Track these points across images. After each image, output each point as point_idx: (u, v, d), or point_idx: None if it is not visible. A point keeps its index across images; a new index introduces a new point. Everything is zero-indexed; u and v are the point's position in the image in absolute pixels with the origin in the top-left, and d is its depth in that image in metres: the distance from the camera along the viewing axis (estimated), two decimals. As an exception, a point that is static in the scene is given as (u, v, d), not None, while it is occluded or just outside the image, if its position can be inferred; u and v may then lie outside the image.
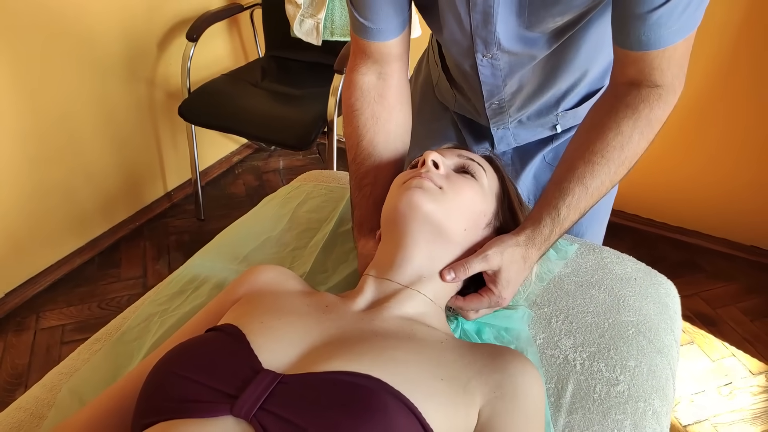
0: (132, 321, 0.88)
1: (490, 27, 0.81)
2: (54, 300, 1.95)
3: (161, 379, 0.60)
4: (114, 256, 2.16)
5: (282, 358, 0.61)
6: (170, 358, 0.62)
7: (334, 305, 0.72)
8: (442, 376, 0.62)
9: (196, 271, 0.96)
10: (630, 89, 0.77)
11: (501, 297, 0.78)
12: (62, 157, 1.94)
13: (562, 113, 1.01)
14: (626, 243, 2.20)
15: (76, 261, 2.08)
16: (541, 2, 0.77)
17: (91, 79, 1.95)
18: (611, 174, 0.78)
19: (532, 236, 0.78)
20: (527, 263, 0.79)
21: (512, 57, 0.88)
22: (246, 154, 2.75)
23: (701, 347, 1.80)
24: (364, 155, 0.90)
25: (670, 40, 0.72)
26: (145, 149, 2.26)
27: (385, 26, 0.87)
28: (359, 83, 0.92)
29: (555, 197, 0.78)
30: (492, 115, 1.02)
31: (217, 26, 2.33)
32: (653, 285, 0.97)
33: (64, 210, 2.00)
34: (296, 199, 1.14)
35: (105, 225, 2.17)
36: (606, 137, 0.77)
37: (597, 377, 0.80)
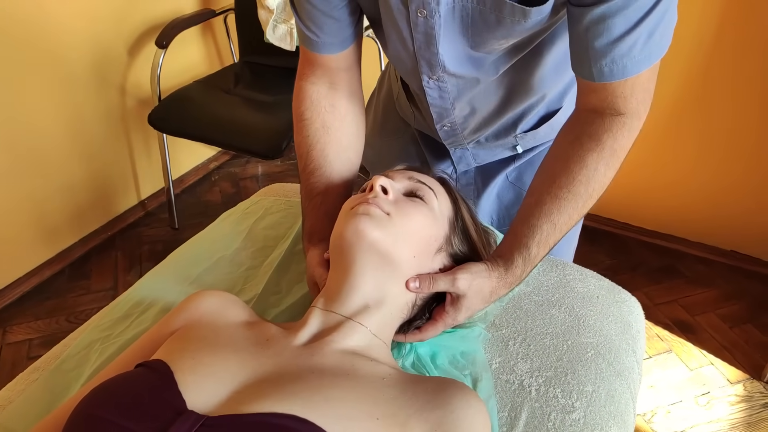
0: (72, 349, 0.84)
1: (433, 48, 0.79)
2: (22, 313, 1.91)
3: (80, 419, 0.57)
4: (84, 267, 2.12)
5: (210, 398, 0.58)
6: (91, 397, 0.59)
7: (274, 339, 0.69)
8: (378, 415, 0.59)
9: (144, 294, 0.93)
10: (593, 117, 0.75)
11: (456, 320, 0.77)
12: (30, 168, 1.90)
13: (521, 135, 0.99)
14: (604, 248, 2.18)
15: (45, 273, 2.04)
16: (484, 25, 0.74)
17: (59, 87, 1.91)
18: (578, 208, 0.77)
19: (504, 275, 0.78)
20: (492, 297, 0.78)
21: (459, 80, 0.85)
22: (223, 160, 2.71)
23: (679, 356, 1.78)
24: (315, 165, 0.88)
25: (633, 71, 0.70)
26: (116, 158, 2.21)
27: (330, 40, 0.84)
28: (309, 92, 0.89)
29: (524, 235, 0.77)
30: (445, 136, 1.00)
31: (191, 32, 2.29)
32: (616, 303, 0.94)
33: (32, 221, 1.96)
34: (254, 215, 1.10)
35: (75, 236, 2.13)
36: (571, 171, 0.75)
37: (552, 404, 0.77)
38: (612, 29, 0.66)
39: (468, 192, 1.08)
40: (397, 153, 1.11)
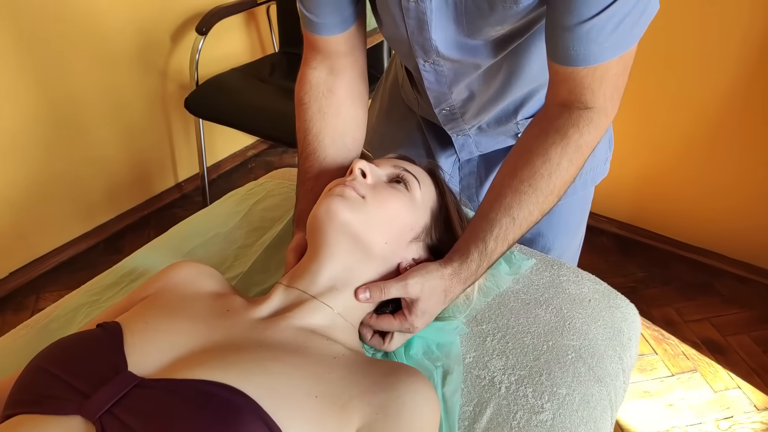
0: (61, 310, 0.88)
1: (425, 34, 0.78)
2: (55, 282, 2.00)
3: (30, 372, 0.59)
4: (118, 243, 2.20)
5: (152, 362, 0.59)
6: (44, 352, 0.61)
7: (234, 310, 0.70)
8: (317, 393, 0.59)
9: (137, 264, 0.96)
10: (561, 111, 0.74)
11: (413, 325, 0.74)
12: (72, 144, 1.99)
13: (522, 121, 0.96)
14: (637, 260, 2.09)
15: (81, 245, 2.13)
16: (477, 11, 0.73)
17: (104, 68, 1.99)
18: (539, 204, 0.74)
19: (458, 270, 0.75)
20: (448, 297, 0.76)
21: (455, 64, 0.84)
22: (261, 149, 2.76)
23: (704, 376, 1.69)
24: (310, 150, 0.89)
25: (601, 57, 0.67)
26: (156, 140, 2.29)
27: (329, 21, 0.84)
28: (309, 77, 0.90)
29: (482, 229, 0.75)
30: (445, 121, 0.98)
31: (234, 20, 2.35)
32: (609, 308, 0.91)
33: (71, 196, 2.05)
34: (255, 197, 1.12)
35: (112, 212, 2.21)
36: (533, 164, 0.73)
37: (520, 403, 0.75)
38: (581, 10, 0.64)
39: (470, 181, 1.06)
40: (402, 140, 1.11)
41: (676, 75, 1.84)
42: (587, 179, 1.02)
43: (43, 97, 1.85)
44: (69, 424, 0.52)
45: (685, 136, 1.92)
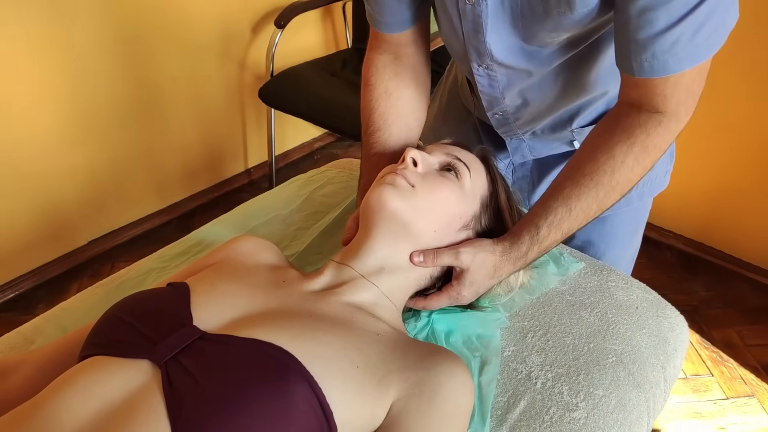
0: (133, 272, 0.96)
1: (480, 37, 0.80)
2: (129, 253, 2.14)
3: (105, 319, 0.66)
4: (189, 221, 2.32)
5: (213, 320, 0.64)
6: (120, 303, 0.68)
7: (289, 282, 0.75)
8: (359, 363, 0.63)
9: (204, 236, 1.03)
10: (630, 111, 0.74)
11: (461, 295, 0.79)
12: (153, 126, 2.12)
13: (578, 130, 0.96)
14: (701, 279, 2.02)
15: (155, 221, 2.26)
16: (533, 16, 0.74)
17: (185, 56, 2.11)
18: (599, 198, 0.75)
19: (509, 250, 0.78)
20: (497, 273, 0.79)
21: (509, 70, 0.85)
22: (328, 141, 2.84)
23: (762, 403, 1.62)
24: (375, 127, 0.93)
25: (676, 68, 0.67)
26: (230, 127, 2.40)
27: (391, 20, 0.88)
28: (375, 61, 0.94)
29: (538, 215, 0.78)
30: (497, 124, 1.00)
31: (310, 15, 2.43)
32: (656, 317, 0.90)
33: (149, 174, 2.19)
34: (317, 183, 1.17)
35: (185, 192, 2.34)
36: (597, 160, 0.75)
37: (555, 399, 0.76)
38: (654, 23, 0.64)
39: (523, 185, 1.07)
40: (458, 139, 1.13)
41: (753, 85, 1.76)
42: (644, 191, 1.01)
43: (130, 81, 1.99)
44: (137, 366, 0.58)
45: (760, 151, 1.84)
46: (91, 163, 1.99)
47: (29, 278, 1.96)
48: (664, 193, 1.06)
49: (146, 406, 0.55)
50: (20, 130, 1.77)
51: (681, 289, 2.00)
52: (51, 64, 1.77)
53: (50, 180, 1.90)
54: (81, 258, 2.07)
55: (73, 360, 0.65)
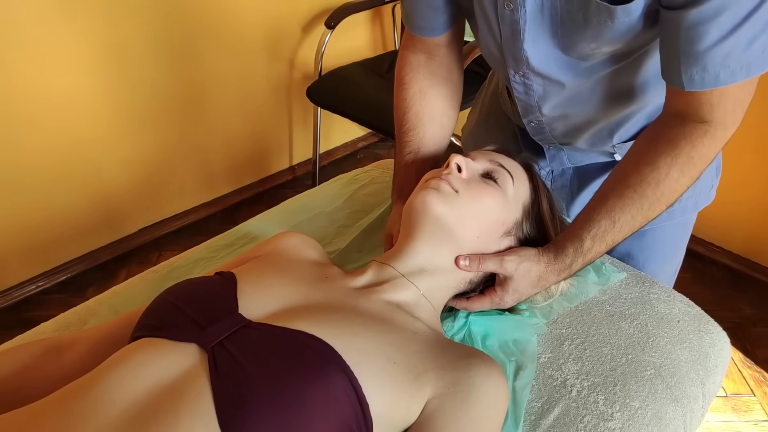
0: (183, 261, 1.00)
1: (518, 43, 0.79)
2: (176, 243, 2.21)
3: (157, 303, 0.69)
4: (234, 214, 2.38)
5: (258, 309, 0.67)
6: (171, 288, 0.71)
7: (332, 278, 0.77)
8: (396, 359, 0.64)
9: (250, 230, 1.07)
10: (675, 121, 0.73)
11: (503, 300, 0.80)
12: (203, 120, 2.18)
13: (619, 144, 0.95)
14: (748, 296, 1.97)
15: (202, 212, 2.33)
16: (573, 24, 0.73)
17: (235, 55, 2.16)
18: (643, 210, 0.75)
19: (553, 261, 0.79)
20: (541, 283, 0.80)
21: (546, 80, 0.84)
22: (371, 141, 2.87)
23: (807, 429, 1.57)
24: (409, 125, 0.95)
25: (727, 81, 0.66)
26: (276, 124, 2.46)
27: (425, 24, 0.90)
28: (410, 60, 0.96)
29: (581, 227, 0.78)
30: (533, 132, 1.00)
31: (360, 17, 2.46)
32: (698, 332, 0.89)
33: (198, 167, 2.25)
34: (360, 182, 1.20)
35: (231, 186, 2.41)
36: (642, 172, 0.74)
37: (590, 408, 0.76)
38: (704, 36, 0.63)
39: (562, 194, 1.06)
40: None
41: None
42: (687, 205, 0.99)
43: (182, 78, 2.05)
44: (185, 349, 0.61)
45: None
46: (143, 156, 2.06)
47: (81, 262, 2.05)
48: (712, 206, 1.03)
49: (193, 388, 0.57)
50: (80, 123, 1.85)
51: (726, 306, 1.94)
52: (110, 62, 1.85)
53: (105, 170, 1.98)
54: (130, 245, 2.15)
55: (124, 340, 0.69)
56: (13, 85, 1.67)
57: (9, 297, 1.92)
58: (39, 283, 1.97)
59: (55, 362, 0.74)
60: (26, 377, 0.72)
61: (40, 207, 1.87)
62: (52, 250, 1.96)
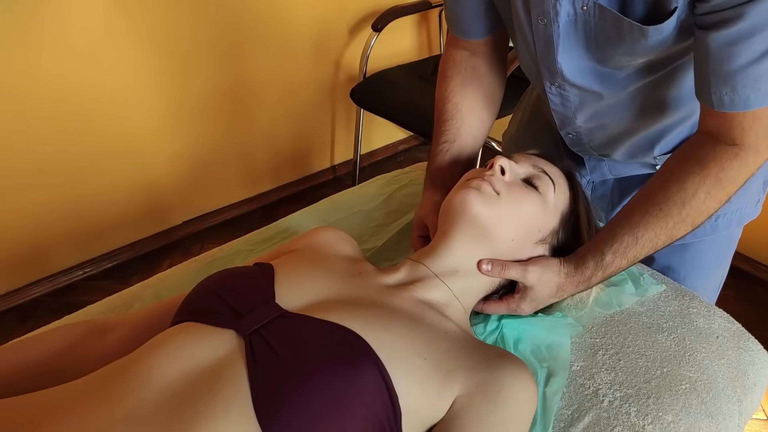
0: (224, 252, 1.03)
1: (552, 56, 0.80)
2: (218, 236, 2.27)
3: (198, 289, 0.72)
4: (274, 211, 2.43)
5: (294, 300, 0.69)
6: (212, 277, 0.74)
7: (365, 274, 0.78)
8: (426, 356, 0.65)
9: (289, 225, 1.09)
10: (707, 141, 0.72)
11: (520, 308, 0.81)
12: (249, 117, 2.24)
13: (660, 156, 0.93)
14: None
15: (243, 208, 2.39)
16: (606, 39, 0.73)
17: (281, 55, 2.20)
18: (668, 228, 0.74)
19: (573, 273, 0.79)
20: (559, 293, 0.81)
21: (582, 91, 0.84)
22: (412, 144, 2.88)
23: None
24: (448, 116, 0.97)
25: (758, 104, 0.65)
26: (320, 124, 2.49)
27: (467, 28, 0.92)
28: (453, 55, 0.98)
29: (604, 241, 0.77)
30: (571, 144, 0.99)
31: (407, 20, 2.48)
32: (738, 348, 0.87)
33: (241, 163, 2.31)
34: (399, 183, 1.21)
35: (273, 183, 2.45)
36: (669, 190, 0.73)
37: (622, 419, 0.75)
38: (735, 57, 0.62)
39: (602, 204, 1.05)
40: None
41: None
42: (732, 219, 0.96)
43: (229, 77, 2.10)
44: (224, 335, 0.63)
45: None
46: (189, 151, 2.12)
47: (126, 251, 2.12)
48: (760, 221, 1.01)
49: (230, 372, 0.59)
50: (131, 117, 1.92)
51: None
52: (161, 59, 1.91)
53: (153, 163, 2.05)
54: (174, 237, 2.22)
55: (166, 324, 0.71)
56: (68, 78, 1.75)
57: (56, 282, 2.00)
58: (86, 270, 2.05)
59: (98, 343, 0.77)
60: (70, 356, 0.75)
61: (89, 195, 1.94)
62: (99, 238, 2.04)
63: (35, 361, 0.74)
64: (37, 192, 1.83)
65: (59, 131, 1.79)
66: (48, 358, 0.75)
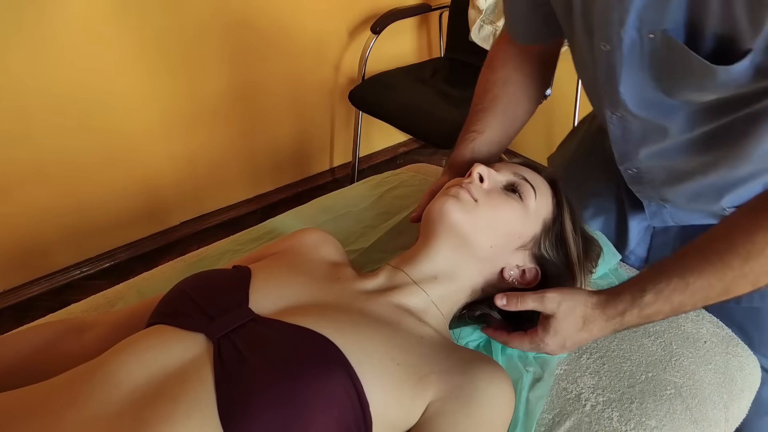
0: (210, 252, 1.03)
1: (613, 84, 0.74)
2: (216, 237, 2.23)
3: (173, 292, 0.72)
4: (273, 213, 2.39)
5: (268, 305, 0.68)
6: (187, 279, 0.73)
7: (344, 279, 0.78)
8: (399, 361, 0.64)
9: (276, 226, 1.09)
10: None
11: (543, 342, 0.75)
12: (247, 119, 2.24)
13: (730, 209, 0.84)
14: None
15: (242, 209, 2.39)
16: (673, 69, 0.67)
17: (284, 57, 2.21)
18: (724, 281, 0.66)
19: (603, 303, 0.71)
20: (587, 326, 0.72)
21: (645, 124, 0.78)
22: (412, 147, 2.87)
23: None
24: (483, 106, 0.96)
25: None
26: (319, 126, 2.49)
27: (522, 31, 0.92)
28: (504, 47, 0.98)
29: (647, 278, 0.70)
30: (630, 181, 0.93)
31: (406, 23, 2.47)
32: (725, 354, 0.86)
33: (242, 164, 2.31)
34: (390, 184, 1.20)
35: (272, 184, 2.45)
36: (734, 241, 0.65)
37: (603, 424, 0.74)
38: None
39: (662, 253, 0.98)
40: (593, 187, 1.05)
41: None
42: None
43: (230, 79, 2.11)
44: (193, 338, 0.62)
45: None
46: (189, 151, 2.13)
47: (124, 251, 2.13)
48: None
49: (197, 376, 0.58)
50: (131, 117, 1.93)
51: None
52: (162, 61, 1.92)
53: (151, 163, 2.05)
54: (172, 237, 2.22)
55: (143, 325, 0.71)
56: (69, 77, 1.76)
57: (54, 280, 2.01)
58: (83, 269, 2.06)
59: (75, 342, 0.77)
60: (47, 354, 0.75)
61: (88, 195, 1.95)
62: (97, 238, 2.05)
63: (13, 359, 0.74)
64: (37, 190, 1.84)
65: (60, 130, 1.80)
66: (26, 356, 0.75)
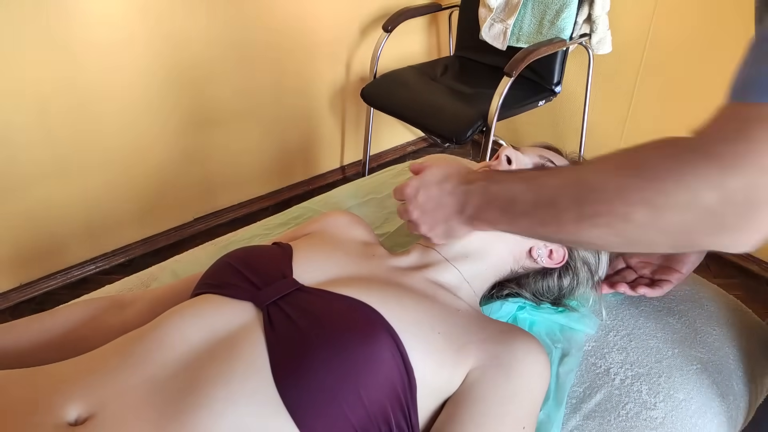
0: (240, 236, 1.05)
1: None
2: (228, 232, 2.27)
3: (218, 264, 0.74)
4: (284, 209, 2.43)
5: (311, 276, 0.70)
6: (231, 253, 0.76)
7: (379, 257, 0.80)
8: (440, 330, 0.66)
9: (303, 211, 1.11)
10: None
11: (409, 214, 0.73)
12: (259, 116, 2.25)
13: None
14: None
15: (254, 206, 2.40)
16: None
17: (295, 54, 2.23)
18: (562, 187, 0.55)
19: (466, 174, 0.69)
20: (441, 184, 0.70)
21: None
22: (421, 146, 2.89)
23: None
24: None
25: None
26: (330, 123, 2.51)
27: None
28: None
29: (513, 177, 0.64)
30: None
31: (417, 22, 2.50)
32: (750, 333, 0.87)
33: (255, 161, 2.32)
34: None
35: (283, 182, 2.47)
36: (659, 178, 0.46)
37: (633, 396, 0.76)
38: None
39: None
40: None
41: None
42: None
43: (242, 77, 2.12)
44: (242, 307, 0.65)
45: None
46: (203, 149, 2.14)
47: (139, 246, 2.14)
48: None
49: (247, 340, 0.61)
50: (145, 115, 1.95)
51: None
52: (175, 59, 1.94)
53: (166, 160, 2.07)
54: (186, 233, 2.24)
55: (183, 300, 0.73)
56: (88, 78, 1.78)
57: (70, 275, 2.02)
58: (99, 264, 2.07)
59: (117, 316, 0.79)
60: (89, 328, 0.77)
61: (104, 191, 1.97)
62: (113, 234, 2.06)
63: (55, 333, 0.76)
64: (54, 186, 1.85)
65: (77, 126, 1.82)
66: (68, 331, 0.77)
